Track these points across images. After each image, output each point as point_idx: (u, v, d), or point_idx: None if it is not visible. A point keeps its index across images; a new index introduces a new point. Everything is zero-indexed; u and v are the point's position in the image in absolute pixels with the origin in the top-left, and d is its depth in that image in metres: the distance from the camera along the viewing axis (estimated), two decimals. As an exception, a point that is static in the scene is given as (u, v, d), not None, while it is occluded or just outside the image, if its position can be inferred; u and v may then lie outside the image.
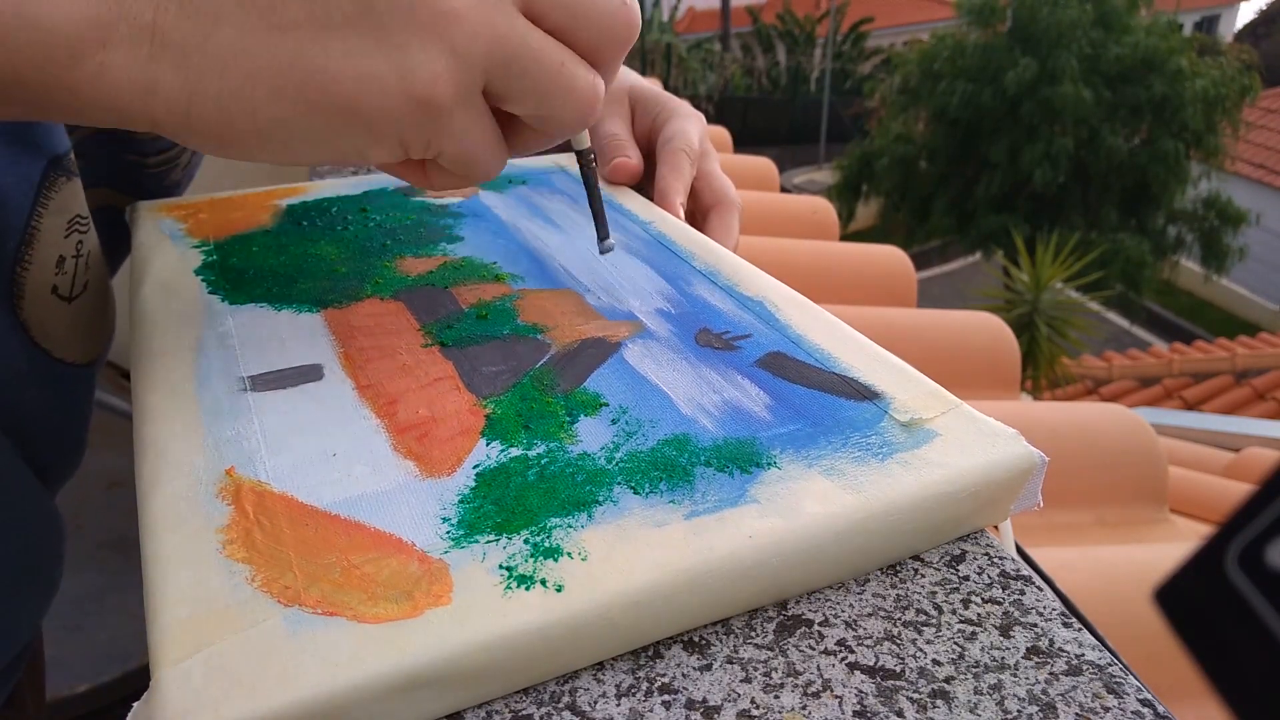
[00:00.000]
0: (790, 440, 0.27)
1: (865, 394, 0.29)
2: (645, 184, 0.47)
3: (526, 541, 0.23)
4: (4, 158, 0.35)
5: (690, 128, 0.47)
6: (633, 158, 0.47)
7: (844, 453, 0.26)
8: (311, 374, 0.30)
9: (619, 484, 0.25)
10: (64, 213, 0.38)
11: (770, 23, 12.36)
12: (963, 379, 1.01)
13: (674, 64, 11.21)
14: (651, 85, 0.52)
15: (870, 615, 0.24)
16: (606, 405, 0.28)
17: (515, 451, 0.26)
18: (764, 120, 11.80)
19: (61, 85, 0.23)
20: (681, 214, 0.44)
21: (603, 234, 0.36)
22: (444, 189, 0.29)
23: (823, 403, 0.28)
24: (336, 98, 0.24)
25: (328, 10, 0.24)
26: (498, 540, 0.23)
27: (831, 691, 0.22)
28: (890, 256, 1.18)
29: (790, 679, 0.22)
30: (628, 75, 0.53)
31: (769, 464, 0.26)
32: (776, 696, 0.21)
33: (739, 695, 0.21)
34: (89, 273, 0.40)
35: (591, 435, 0.27)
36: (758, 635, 0.23)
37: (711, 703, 0.21)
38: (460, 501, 0.24)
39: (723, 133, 1.55)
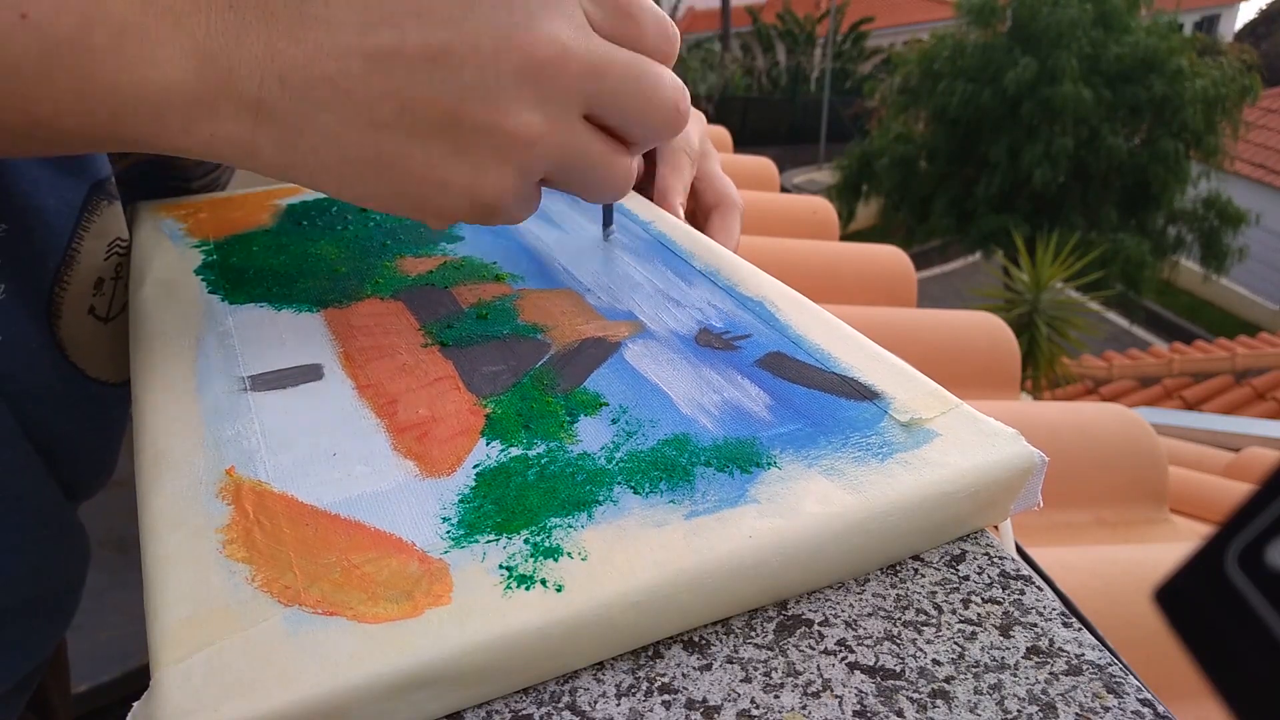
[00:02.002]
0: (790, 440, 0.27)
1: (865, 394, 0.29)
2: (645, 184, 0.47)
3: (526, 541, 0.23)
4: (47, 182, 0.36)
5: (690, 127, 0.47)
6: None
7: (844, 453, 0.26)
8: (311, 374, 0.30)
9: (619, 484, 0.25)
10: (104, 236, 0.38)
11: (770, 22, 12.36)
12: (963, 379, 1.01)
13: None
14: None
15: (870, 615, 0.24)
16: (606, 405, 0.28)
17: (515, 451, 0.26)
18: (764, 120, 11.80)
19: (176, 147, 0.26)
20: (681, 214, 0.44)
21: (607, 223, 0.41)
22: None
23: (823, 403, 0.28)
24: (413, 192, 0.27)
25: (417, 118, 0.26)
26: (498, 540, 0.23)
27: (831, 691, 0.22)
28: (890, 256, 1.18)
29: (790, 679, 0.22)
30: None
31: (769, 464, 0.26)
32: (776, 696, 0.21)
33: (739, 695, 0.21)
34: (127, 294, 0.41)
35: (591, 435, 0.27)
36: (758, 635, 0.23)
37: (711, 702, 0.21)
38: (460, 501, 0.24)
39: (723, 133, 1.55)
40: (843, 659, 0.22)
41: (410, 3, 0.25)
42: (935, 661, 0.22)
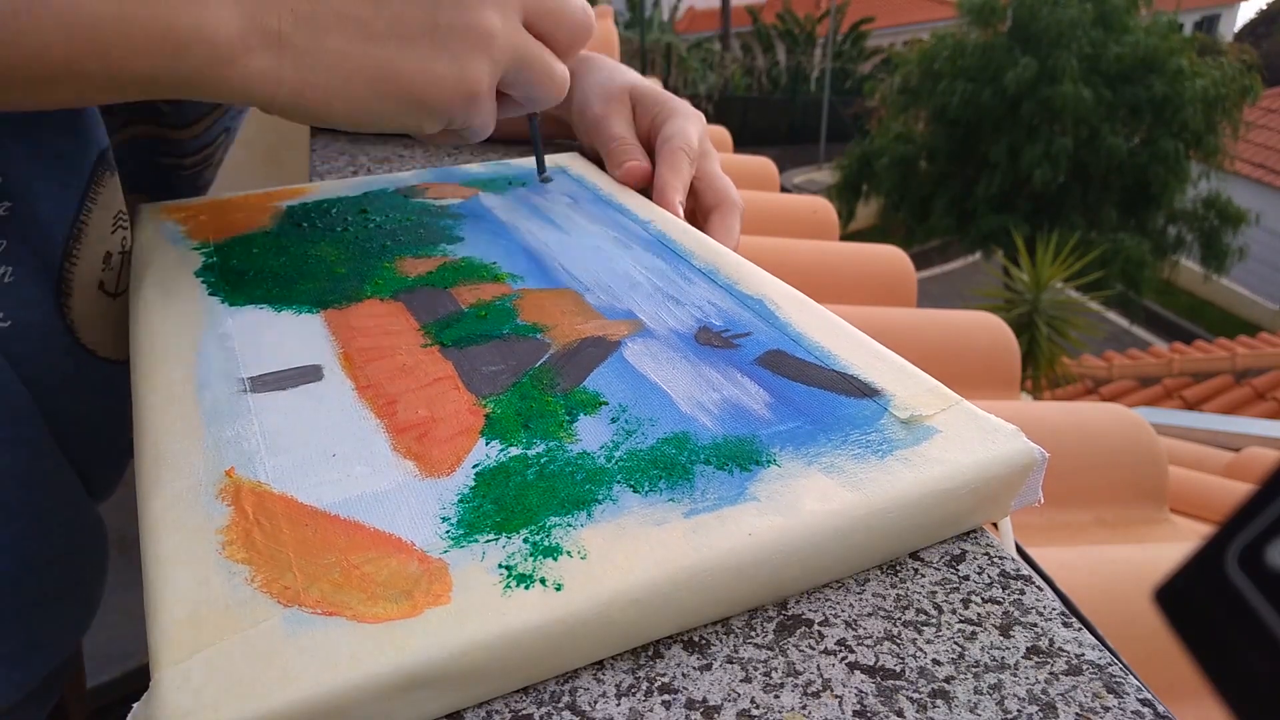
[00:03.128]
0: (790, 438, 0.27)
1: (865, 391, 0.29)
2: (644, 184, 0.47)
3: (526, 540, 0.23)
4: (50, 153, 0.35)
5: (689, 127, 0.47)
6: (641, 161, 0.47)
7: (844, 450, 0.26)
8: (311, 375, 0.30)
9: (618, 482, 0.25)
10: (109, 208, 0.38)
11: (770, 22, 12.36)
12: (963, 379, 1.01)
13: (674, 64, 11.21)
14: (651, 84, 0.52)
15: (870, 615, 0.24)
16: (606, 404, 0.28)
17: (515, 451, 0.26)
18: (764, 120, 11.80)
19: (218, 80, 0.30)
20: (680, 212, 0.44)
21: (541, 169, 0.47)
22: (443, 143, 0.43)
23: (822, 400, 0.28)
24: (412, 91, 0.33)
25: (406, 27, 0.33)
26: (497, 539, 0.23)
27: (831, 691, 0.22)
28: (890, 256, 1.18)
29: (790, 679, 0.22)
30: (628, 74, 0.53)
31: (769, 462, 0.26)
32: (776, 696, 0.21)
33: (739, 695, 0.21)
34: (130, 269, 0.40)
35: (591, 434, 0.27)
36: (758, 635, 0.23)
37: (711, 702, 0.21)
38: (460, 501, 0.24)
39: (723, 133, 1.55)
40: (843, 659, 0.22)
41: None
42: (935, 661, 0.22)
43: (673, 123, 0.47)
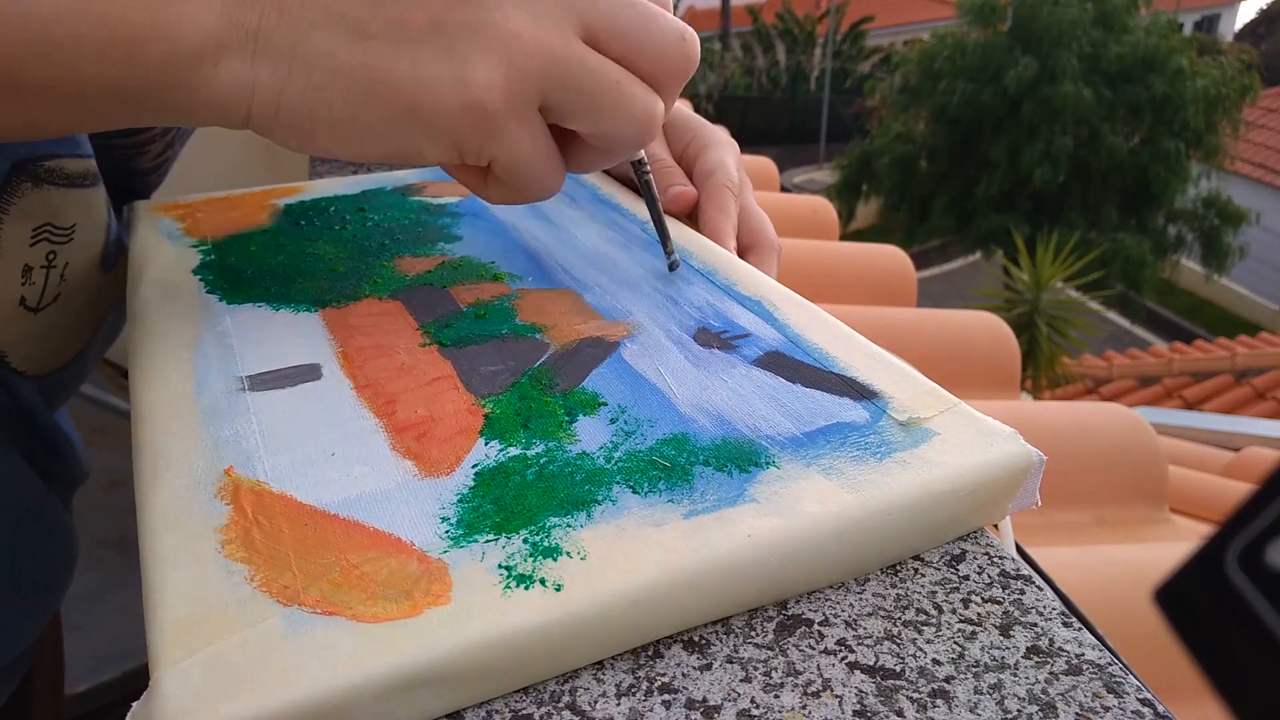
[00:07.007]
0: (789, 439, 0.27)
1: (864, 393, 0.29)
2: (689, 220, 0.46)
3: (525, 541, 0.23)
4: None
5: (728, 158, 0.44)
6: (687, 186, 0.44)
7: (842, 452, 0.26)
8: (310, 373, 0.30)
9: (618, 483, 0.25)
10: (29, 219, 0.36)
11: (770, 22, 12.36)
12: (963, 379, 1.01)
13: (674, 63, 11.18)
14: (680, 106, 0.50)
15: (870, 615, 0.24)
16: (605, 404, 0.28)
17: (514, 451, 0.26)
18: (764, 120, 11.81)
19: (183, 87, 0.27)
20: (735, 252, 0.42)
21: (668, 249, 0.37)
22: (500, 202, 0.32)
23: (821, 402, 0.28)
24: (401, 97, 0.28)
25: (404, 25, 0.28)
26: (497, 540, 0.23)
27: (831, 691, 0.22)
28: (890, 256, 1.18)
29: (790, 679, 0.22)
30: None
31: (768, 463, 0.26)
32: (776, 696, 0.21)
33: (739, 695, 0.21)
34: (63, 284, 0.39)
35: (590, 435, 0.27)
36: (758, 635, 0.23)
37: (711, 702, 0.21)
38: (459, 501, 0.24)
39: (723, 132, 1.54)
40: (843, 659, 0.22)
41: None
42: (935, 661, 0.22)
43: (711, 154, 0.44)
